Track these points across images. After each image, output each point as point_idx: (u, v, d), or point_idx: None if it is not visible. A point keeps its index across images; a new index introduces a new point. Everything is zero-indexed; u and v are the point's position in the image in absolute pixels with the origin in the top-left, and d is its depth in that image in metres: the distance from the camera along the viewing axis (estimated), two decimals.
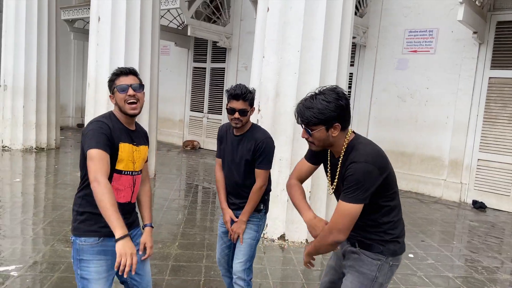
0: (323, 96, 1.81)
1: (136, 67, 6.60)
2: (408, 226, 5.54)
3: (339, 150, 1.90)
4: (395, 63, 7.83)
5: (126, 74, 2.10)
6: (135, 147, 2.11)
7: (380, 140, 7.96)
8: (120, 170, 2.03)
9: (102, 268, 2.02)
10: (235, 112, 2.49)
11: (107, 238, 1.99)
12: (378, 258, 1.91)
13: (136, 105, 2.07)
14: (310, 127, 1.83)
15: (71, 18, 11.55)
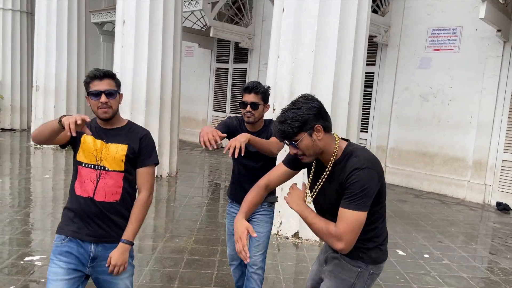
0: (292, 105, 1.78)
1: (159, 68, 6.85)
2: (427, 227, 5.48)
3: (328, 158, 1.83)
4: (417, 62, 7.73)
5: (100, 78, 2.02)
6: (104, 144, 2.04)
7: (402, 140, 7.92)
8: (80, 161, 2.03)
9: (60, 270, 1.95)
10: (247, 105, 2.51)
11: (72, 241, 1.98)
12: (358, 265, 1.87)
13: (108, 109, 2.01)
14: (293, 139, 1.76)
15: (100, 21, 11.94)
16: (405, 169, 7.95)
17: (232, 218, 2.77)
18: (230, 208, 2.87)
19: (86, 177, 2.01)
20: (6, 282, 3.27)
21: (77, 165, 2.03)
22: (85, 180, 2.01)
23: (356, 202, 1.70)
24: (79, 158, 2.03)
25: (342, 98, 4.54)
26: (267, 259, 4.08)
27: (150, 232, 4.66)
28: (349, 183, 1.72)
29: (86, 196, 2.00)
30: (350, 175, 1.72)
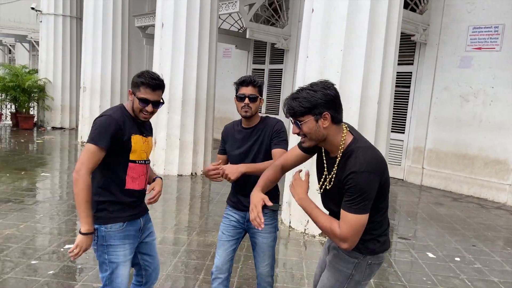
0: (310, 86, 1.76)
1: (194, 70, 7.08)
2: (462, 230, 5.32)
3: (334, 149, 1.82)
4: (457, 61, 7.49)
5: (153, 89, 2.14)
6: (144, 138, 2.25)
7: (441, 142, 7.70)
8: (134, 160, 2.18)
9: (127, 251, 2.21)
10: (245, 98, 2.44)
11: (129, 223, 2.21)
12: (355, 256, 1.88)
13: (149, 116, 2.20)
14: (298, 118, 1.75)
15: (143, 25, 12.43)
16: (444, 171, 7.71)
17: (229, 222, 2.61)
18: (229, 211, 2.65)
19: (139, 172, 2.22)
20: (46, 267, 3.54)
21: (130, 163, 2.17)
22: (139, 175, 2.22)
23: (356, 206, 1.69)
24: (132, 158, 2.17)
25: (371, 97, 4.52)
26: (293, 255, 4.16)
27: (182, 226, 4.84)
28: (347, 186, 1.71)
29: (139, 188, 2.24)
30: (347, 178, 1.71)
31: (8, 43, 19.29)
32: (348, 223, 1.71)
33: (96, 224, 2.13)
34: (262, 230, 2.54)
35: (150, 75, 2.15)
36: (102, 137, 2.07)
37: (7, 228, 4.34)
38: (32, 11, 12.95)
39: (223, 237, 2.59)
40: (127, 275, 2.23)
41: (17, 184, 6.15)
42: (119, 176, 2.17)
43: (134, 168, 2.19)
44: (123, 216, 2.18)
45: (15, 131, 11.89)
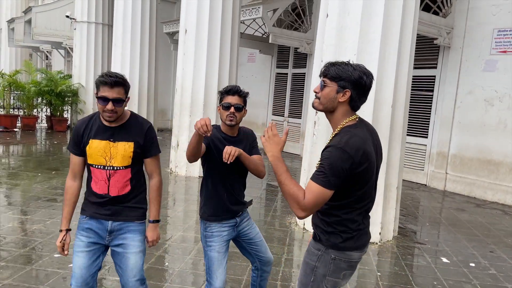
0: (355, 64, 1.85)
1: (215, 74, 7.27)
2: (480, 236, 5.23)
3: (334, 127, 1.88)
4: (482, 65, 7.34)
5: (111, 86, 2.09)
6: (111, 143, 2.20)
7: (465, 147, 7.56)
8: (90, 163, 2.24)
9: (81, 243, 2.28)
10: (230, 107, 2.43)
11: (93, 219, 2.30)
12: (318, 248, 1.92)
13: (113, 115, 2.13)
14: (325, 80, 1.84)
15: (171, 31, 12.79)
16: (468, 177, 7.56)
17: (221, 238, 2.50)
18: (218, 227, 2.51)
19: (98, 177, 2.24)
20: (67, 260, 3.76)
21: (90, 166, 2.25)
22: (99, 180, 2.24)
23: (321, 177, 1.72)
24: (89, 161, 2.23)
25: (385, 100, 4.54)
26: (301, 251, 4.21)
27: (193, 225, 5.00)
28: (321, 157, 1.77)
29: (100, 192, 2.26)
30: (324, 150, 1.78)
31: (45, 49, 20.21)
32: (312, 192, 1.72)
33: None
34: (250, 224, 2.67)
35: (108, 73, 2.12)
36: (71, 143, 2.30)
37: (35, 223, 4.63)
38: (67, 19, 13.58)
39: (219, 257, 2.48)
40: (79, 265, 2.24)
41: (48, 183, 6.50)
42: (89, 176, 2.32)
43: (93, 172, 2.25)
44: (89, 210, 2.32)
45: (50, 133, 12.48)
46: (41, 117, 14.57)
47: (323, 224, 1.90)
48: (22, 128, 12.73)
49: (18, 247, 3.96)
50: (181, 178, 7.43)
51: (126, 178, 2.26)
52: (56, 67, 19.26)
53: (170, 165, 7.96)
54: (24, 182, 6.49)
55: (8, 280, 3.30)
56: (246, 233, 2.66)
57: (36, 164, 7.95)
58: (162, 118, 14.88)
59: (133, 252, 2.31)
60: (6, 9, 24.46)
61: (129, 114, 2.29)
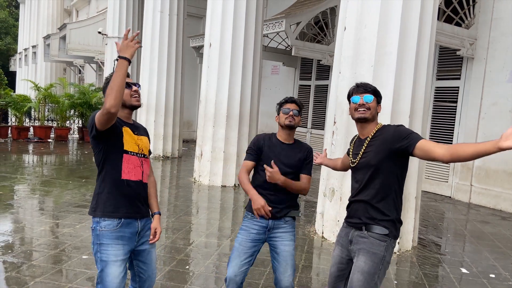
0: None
1: (238, 86, 7.52)
2: (503, 248, 5.16)
3: (368, 132, 2.36)
4: (507, 76, 7.26)
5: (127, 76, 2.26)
6: (136, 136, 2.37)
7: (490, 159, 7.45)
8: (127, 150, 2.29)
9: (119, 252, 2.24)
10: (290, 111, 2.68)
11: (124, 224, 2.26)
12: (385, 239, 2.25)
13: (138, 98, 2.37)
14: (371, 94, 2.35)
15: (197, 45, 13.18)
16: (493, 189, 7.42)
17: (247, 234, 2.65)
18: (249, 223, 2.69)
19: (134, 163, 2.32)
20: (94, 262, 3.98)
21: (124, 154, 2.28)
22: (134, 166, 2.32)
23: (415, 135, 2.27)
24: (125, 148, 2.28)
25: (402, 110, 4.61)
26: (326, 264, 4.30)
27: (221, 232, 5.15)
28: (401, 132, 2.25)
29: (135, 179, 2.31)
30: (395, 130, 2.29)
31: (78, 64, 21.14)
32: (429, 142, 2.15)
33: (94, 217, 2.28)
34: (284, 238, 2.66)
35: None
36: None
37: (65, 227, 4.90)
38: (99, 35, 14.24)
39: (239, 249, 2.62)
40: (117, 274, 2.23)
41: (78, 190, 6.82)
42: (115, 167, 2.26)
43: (128, 159, 2.29)
44: (122, 212, 2.25)
45: (81, 144, 13.00)
46: (73, 129, 15.20)
47: (386, 218, 2.27)
48: (55, 139, 13.32)
49: (50, 248, 4.22)
50: (204, 187, 7.63)
51: (149, 168, 2.47)
52: (88, 81, 20.07)
53: (194, 175, 8.18)
54: (56, 189, 6.84)
55: (40, 278, 3.53)
56: (275, 245, 2.68)
57: (67, 172, 8.34)
58: (188, 129, 15.26)
59: (154, 246, 2.49)
60: (43, 26, 25.75)
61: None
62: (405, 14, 4.49)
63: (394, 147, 2.20)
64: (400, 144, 2.18)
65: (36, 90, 13.57)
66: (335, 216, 4.89)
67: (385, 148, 2.24)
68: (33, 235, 4.60)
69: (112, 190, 2.27)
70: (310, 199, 7.30)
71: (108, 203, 2.26)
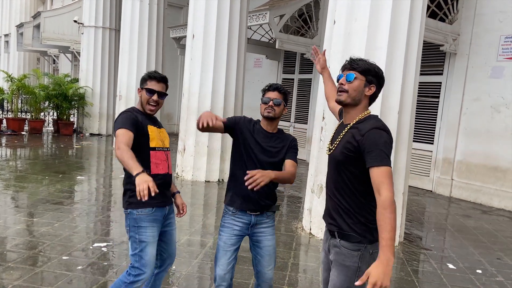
0: (373, 63, 2.04)
1: (222, 79, 7.31)
2: (487, 243, 5.22)
3: (354, 116, 1.99)
4: (488, 71, 7.35)
5: (158, 81, 2.53)
6: (159, 129, 2.59)
7: (471, 153, 7.55)
8: (153, 147, 2.49)
9: (155, 233, 2.51)
10: (270, 101, 2.52)
11: (157, 209, 2.50)
12: (357, 248, 1.94)
13: (155, 108, 2.54)
14: (355, 73, 1.95)
15: (178, 36, 12.87)
16: (474, 183, 7.54)
17: (231, 231, 2.56)
18: (231, 219, 2.58)
19: (161, 158, 2.52)
20: (75, 263, 3.80)
21: (150, 151, 2.47)
22: (161, 161, 2.52)
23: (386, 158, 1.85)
24: (151, 145, 2.48)
25: (391, 106, 4.56)
26: (313, 262, 4.24)
27: (207, 230, 5.03)
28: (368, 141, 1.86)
29: (163, 172, 2.53)
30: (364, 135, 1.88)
31: (52, 53, 20.43)
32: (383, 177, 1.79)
33: (129, 209, 2.47)
34: (267, 232, 2.60)
35: (155, 72, 2.58)
36: (126, 123, 2.36)
37: (43, 226, 4.67)
38: (74, 24, 13.74)
39: (225, 247, 2.56)
40: (154, 253, 2.51)
41: (55, 186, 6.55)
42: (144, 164, 2.34)
43: (155, 155, 2.49)
44: (152, 202, 2.39)
45: (56, 137, 12.58)
46: (48, 121, 14.70)
47: (355, 221, 1.95)
48: (29, 132, 12.85)
49: (27, 248, 4.00)
50: (187, 183, 7.47)
51: (170, 158, 2.66)
52: (63, 71, 19.43)
53: (176, 170, 8.00)
54: (32, 185, 6.55)
55: (18, 281, 3.33)
56: (258, 240, 2.62)
57: (43, 167, 8.02)
58: (168, 122, 14.97)
59: (175, 228, 2.76)
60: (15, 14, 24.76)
61: None
62: (395, 7, 4.42)
63: (355, 154, 1.90)
64: (360, 155, 1.88)
65: (9, 81, 13.02)
66: (323, 212, 4.82)
67: (349, 147, 1.92)
68: (8, 235, 4.36)
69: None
70: (294, 194, 7.24)
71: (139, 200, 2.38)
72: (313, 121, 10.64)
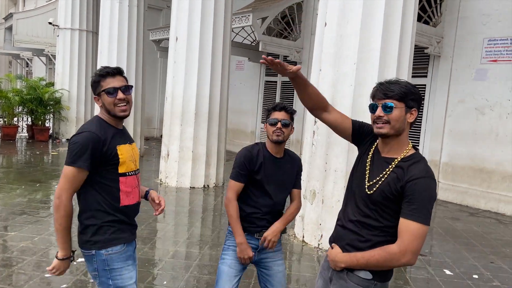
0: (406, 81, 1.76)
1: (207, 82, 7.11)
2: (479, 247, 5.20)
3: (398, 149, 1.75)
4: (472, 74, 7.40)
5: (113, 75, 1.98)
6: (130, 146, 2.08)
7: (456, 155, 7.57)
8: (124, 173, 2.00)
9: (132, 272, 2.08)
10: (278, 123, 2.32)
11: (128, 243, 2.08)
12: (367, 285, 1.75)
13: (126, 107, 2.00)
14: (394, 101, 1.70)
15: (157, 38, 12.60)
16: (460, 185, 7.57)
17: (235, 255, 2.37)
18: (231, 243, 2.41)
19: (132, 184, 2.05)
20: (59, 280, 3.54)
21: (120, 177, 1.99)
22: (132, 188, 2.06)
23: (424, 215, 1.63)
24: (121, 170, 1.99)
25: None
26: (307, 271, 4.10)
27: (195, 240, 4.82)
28: (414, 191, 1.63)
29: (134, 202, 2.09)
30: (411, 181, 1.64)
31: (25, 56, 19.74)
32: (412, 233, 1.61)
33: (93, 249, 2.00)
34: (276, 257, 2.45)
35: (105, 67, 2.02)
36: (81, 157, 1.89)
37: (22, 240, 4.37)
38: (49, 26, 13.26)
39: (229, 272, 2.36)
40: None
41: (32, 196, 6.21)
42: (112, 193, 1.99)
43: (125, 182, 2.01)
44: (123, 237, 2.03)
45: (31, 143, 12.08)
46: (22, 126, 14.13)
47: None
48: (2, 138, 12.29)
49: (4, 266, 3.72)
50: (172, 190, 7.23)
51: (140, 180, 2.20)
52: (37, 74, 18.79)
53: (160, 176, 7.74)
54: (7, 195, 6.18)
55: None
56: (267, 266, 2.45)
57: (18, 176, 7.63)
58: (148, 126, 14.62)
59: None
60: None
61: None
62: (388, 9, 4.35)
63: (395, 197, 1.70)
64: (400, 199, 1.68)
65: None
66: (317, 219, 4.71)
67: (392, 191, 1.70)
68: None
69: (109, 220, 2.01)
70: None
71: (107, 234, 2.00)
72: (296, 124, 10.55)
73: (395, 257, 1.64)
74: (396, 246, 1.64)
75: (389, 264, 1.68)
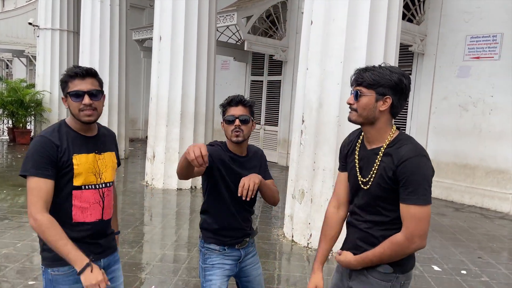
0: (387, 66, 1.69)
1: (193, 83, 7.03)
2: (466, 242, 5.26)
3: (379, 138, 1.71)
4: (456, 71, 7.49)
5: (82, 77, 1.78)
6: (98, 156, 1.87)
7: (441, 152, 7.66)
8: (78, 186, 1.79)
9: None
10: (235, 120, 2.08)
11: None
12: (388, 279, 1.72)
13: (92, 112, 1.80)
14: (361, 88, 1.67)
15: (140, 38, 12.44)
16: (445, 181, 7.66)
17: (222, 272, 2.16)
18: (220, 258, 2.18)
19: (89, 200, 1.83)
20: None
21: (73, 190, 1.79)
22: (90, 204, 1.84)
23: (423, 195, 1.60)
24: (76, 183, 1.79)
25: None
26: (296, 271, 4.08)
27: (183, 243, 4.76)
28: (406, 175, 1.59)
29: (93, 220, 1.85)
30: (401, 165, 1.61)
31: (5, 58, 19.30)
32: (416, 217, 1.60)
33: (43, 265, 1.83)
34: (254, 262, 2.31)
35: (76, 66, 1.82)
36: (37, 164, 1.71)
37: (4, 247, 4.25)
38: (29, 26, 12.97)
39: (213, 278, 2.15)
40: None
41: (14, 201, 6.06)
42: (64, 208, 1.79)
43: (80, 196, 1.81)
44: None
45: (12, 146, 11.81)
46: (2, 129, 13.81)
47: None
48: None
49: None
50: (158, 191, 7.13)
51: (113, 194, 2.00)
52: (18, 76, 18.37)
53: (145, 178, 7.64)
54: None
55: None
56: (247, 273, 2.29)
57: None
58: (132, 127, 14.44)
59: (121, 283, 2.09)
60: None
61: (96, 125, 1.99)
62: (373, 7, 4.35)
63: (391, 186, 1.66)
64: (397, 187, 1.65)
65: None
66: (306, 218, 4.69)
67: (386, 180, 1.67)
68: None
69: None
70: None
71: (54, 252, 1.73)
72: (283, 123, 10.56)
73: (404, 245, 1.63)
74: (402, 235, 1.64)
75: (401, 254, 1.67)
